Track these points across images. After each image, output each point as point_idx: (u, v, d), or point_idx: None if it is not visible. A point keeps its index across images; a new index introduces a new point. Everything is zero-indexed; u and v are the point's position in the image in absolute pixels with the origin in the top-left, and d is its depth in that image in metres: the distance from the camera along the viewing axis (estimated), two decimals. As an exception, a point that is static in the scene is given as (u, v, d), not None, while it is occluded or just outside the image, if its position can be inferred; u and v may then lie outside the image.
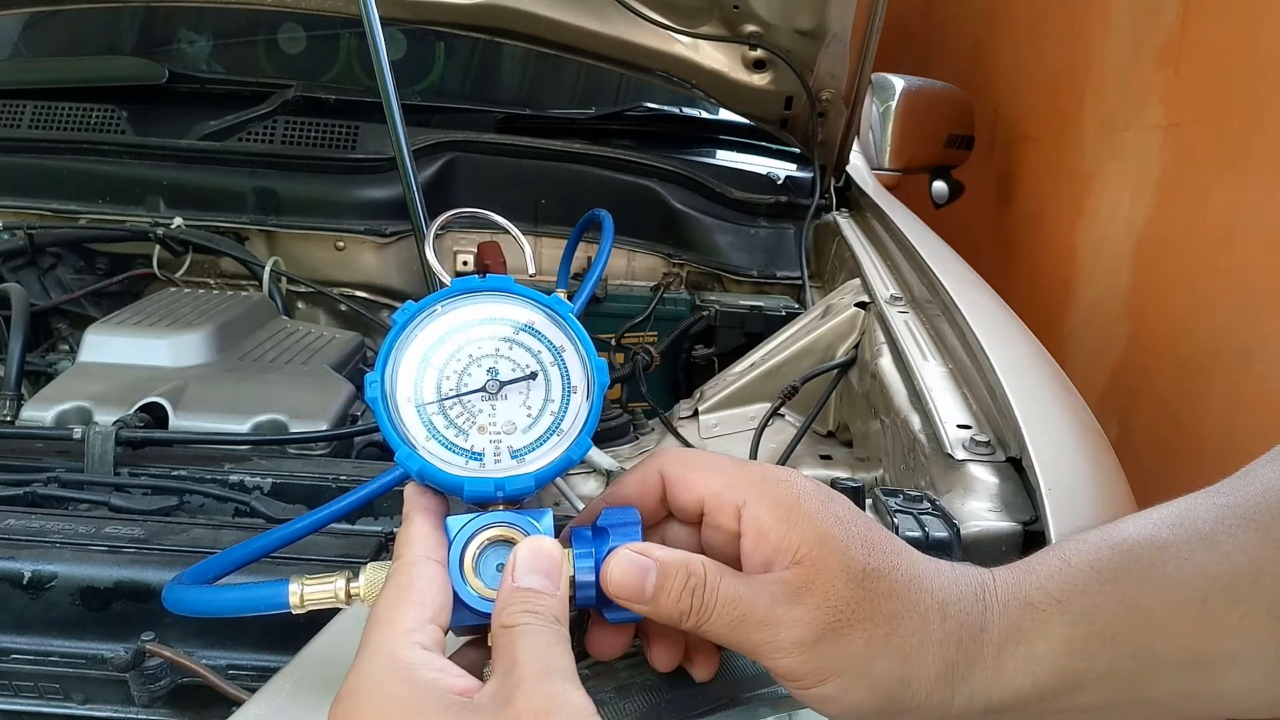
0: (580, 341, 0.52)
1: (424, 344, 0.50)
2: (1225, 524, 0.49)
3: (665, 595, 0.47)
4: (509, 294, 0.52)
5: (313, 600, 0.50)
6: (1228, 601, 0.47)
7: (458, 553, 0.48)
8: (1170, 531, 0.49)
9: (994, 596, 0.49)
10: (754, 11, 1.54)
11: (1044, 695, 0.48)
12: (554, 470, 0.49)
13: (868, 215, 1.57)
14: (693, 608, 0.47)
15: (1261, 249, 1.31)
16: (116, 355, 1.07)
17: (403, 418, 0.49)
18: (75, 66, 1.75)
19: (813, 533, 0.47)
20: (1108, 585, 0.48)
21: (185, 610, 0.54)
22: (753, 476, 0.50)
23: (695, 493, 0.50)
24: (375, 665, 0.42)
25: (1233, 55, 1.41)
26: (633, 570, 0.47)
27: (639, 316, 1.46)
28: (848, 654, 0.46)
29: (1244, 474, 0.52)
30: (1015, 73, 2.31)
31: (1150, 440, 1.53)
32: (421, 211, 1.00)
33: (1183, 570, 0.48)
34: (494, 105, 1.78)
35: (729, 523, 0.49)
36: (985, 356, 0.90)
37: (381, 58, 0.94)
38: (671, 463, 0.52)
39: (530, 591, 0.45)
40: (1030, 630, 0.48)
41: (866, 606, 0.46)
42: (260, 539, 0.59)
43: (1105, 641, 0.47)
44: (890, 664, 0.46)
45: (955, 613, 0.48)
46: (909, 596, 0.47)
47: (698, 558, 0.48)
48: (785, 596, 0.46)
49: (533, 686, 0.40)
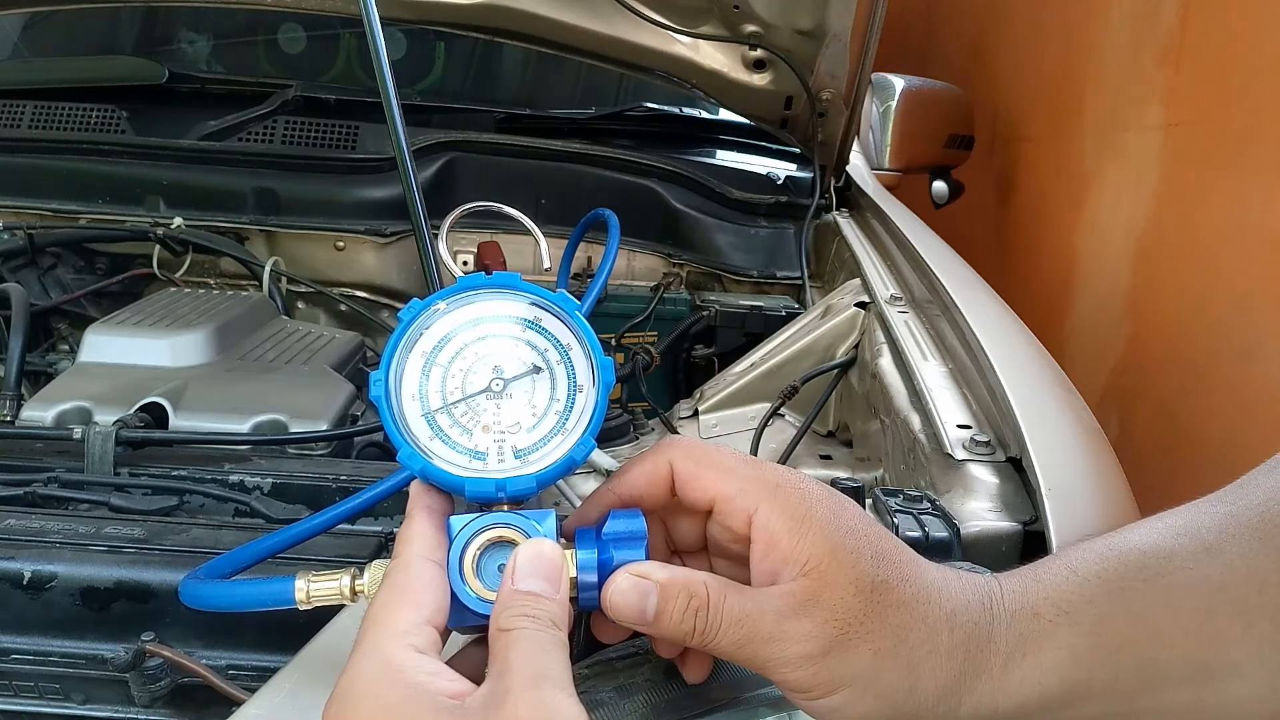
0: (587, 339, 0.51)
1: (429, 342, 0.50)
2: (1229, 533, 0.49)
3: (667, 618, 0.47)
4: (515, 291, 0.51)
5: (318, 596, 0.50)
6: (1232, 612, 0.47)
7: (458, 553, 0.48)
8: (1175, 541, 0.50)
9: (1001, 607, 0.49)
10: (754, 11, 1.54)
11: (1049, 706, 0.48)
12: (557, 471, 0.49)
13: (868, 215, 1.57)
14: (696, 629, 0.47)
15: (1261, 249, 1.31)
16: (116, 355, 1.07)
17: (406, 416, 0.49)
18: (75, 66, 1.75)
19: (823, 544, 0.47)
20: (1114, 596, 0.48)
21: (199, 604, 0.54)
22: (766, 483, 0.49)
23: (707, 493, 0.50)
24: (368, 667, 0.42)
25: (1233, 55, 1.41)
26: (633, 594, 0.47)
27: (639, 316, 1.46)
28: (856, 666, 0.46)
29: (1246, 481, 0.52)
30: (1015, 73, 2.31)
31: (1150, 440, 1.53)
32: (421, 211, 1.00)
33: (1188, 581, 0.48)
34: (494, 105, 1.78)
35: (739, 526, 0.49)
36: (985, 356, 0.90)
37: (381, 58, 0.94)
38: (682, 458, 0.51)
39: (529, 595, 0.45)
40: (1037, 641, 0.48)
41: (875, 619, 0.46)
42: (280, 534, 0.59)
43: (1111, 652, 0.48)
44: (898, 675, 0.46)
45: (963, 623, 0.48)
46: (917, 608, 0.47)
47: (700, 577, 0.47)
48: (792, 610, 0.46)
49: (523, 693, 0.40)
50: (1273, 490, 0.50)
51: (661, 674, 0.54)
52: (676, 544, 0.54)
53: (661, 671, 0.54)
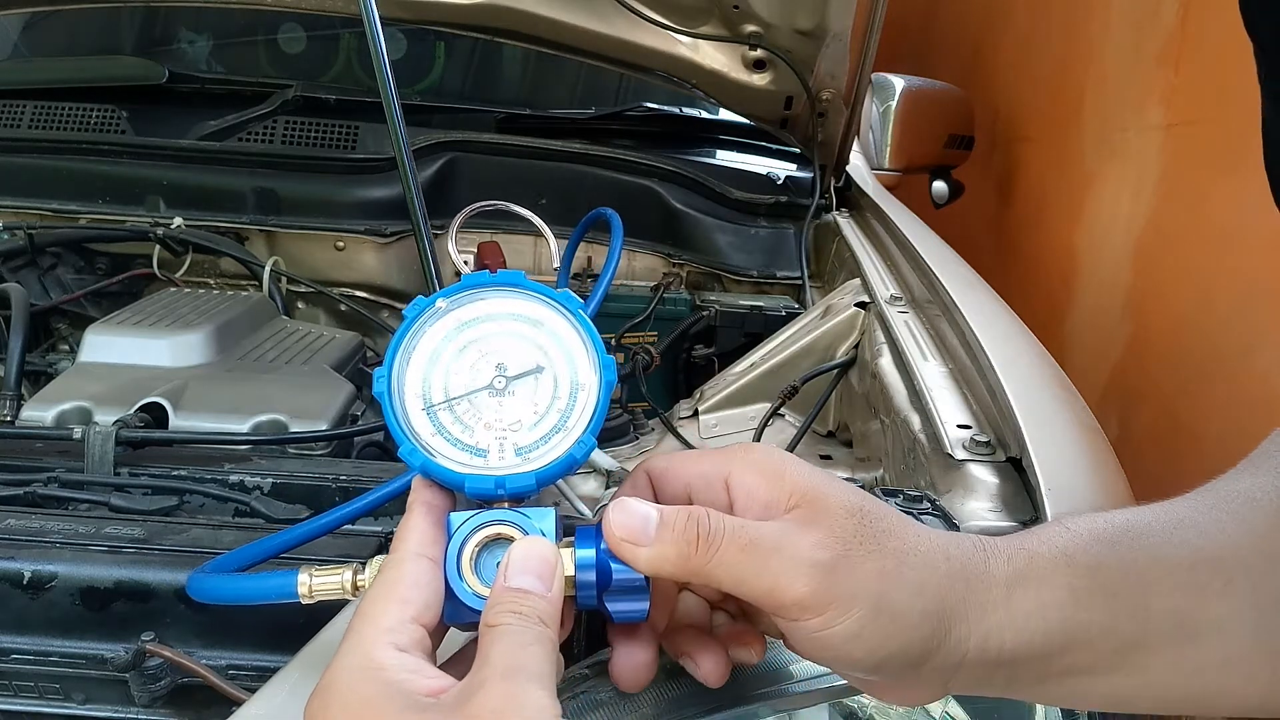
0: (590, 339, 0.51)
1: (433, 339, 0.50)
2: (1202, 511, 0.52)
3: (668, 530, 0.46)
4: (520, 289, 0.52)
5: (320, 591, 0.51)
6: (1212, 570, 0.49)
7: (456, 549, 0.48)
8: (1153, 516, 0.52)
9: (995, 547, 0.49)
10: (754, 11, 1.54)
11: (1052, 648, 0.48)
12: (557, 469, 0.49)
13: (868, 215, 1.57)
14: (699, 535, 0.46)
15: (1261, 249, 1.31)
16: (116, 355, 1.06)
17: (409, 413, 0.49)
18: (75, 66, 1.74)
19: (803, 482, 0.48)
20: (1107, 548, 0.50)
21: (206, 598, 0.55)
22: (733, 451, 0.51)
23: (681, 479, 0.51)
24: (349, 663, 0.43)
25: (1233, 55, 1.41)
26: (635, 512, 0.47)
27: (639, 316, 1.46)
28: (864, 583, 0.45)
29: (1206, 486, 0.54)
30: (1015, 73, 2.31)
31: (1150, 440, 1.53)
32: (421, 211, 1.00)
33: (1169, 543, 0.50)
34: (494, 105, 1.78)
35: (719, 497, 0.50)
36: (985, 356, 0.90)
37: (381, 58, 0.94)
38: (655, 461, 0.53)
39: (519, 592, 0.45)
40: (1037, 577, 0.48)
41: (872, 540, 0.47)
42: (288, 532, 0.60)
43: (1108, 596, 0.48)
44: (907, 595, 0.46)
45: (957, 555, 0.48)
46: (909, 537, 0.48)
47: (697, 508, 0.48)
48: (793, 527, 0.46)
49: (494, 685, 0.40)
50: (1236, 485, 0.53)
51: (662, 674, 0.54)
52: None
53: (662, 672, 0.54)
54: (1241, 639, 0.49)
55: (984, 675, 0.48)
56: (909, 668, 0.47)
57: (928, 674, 0.48)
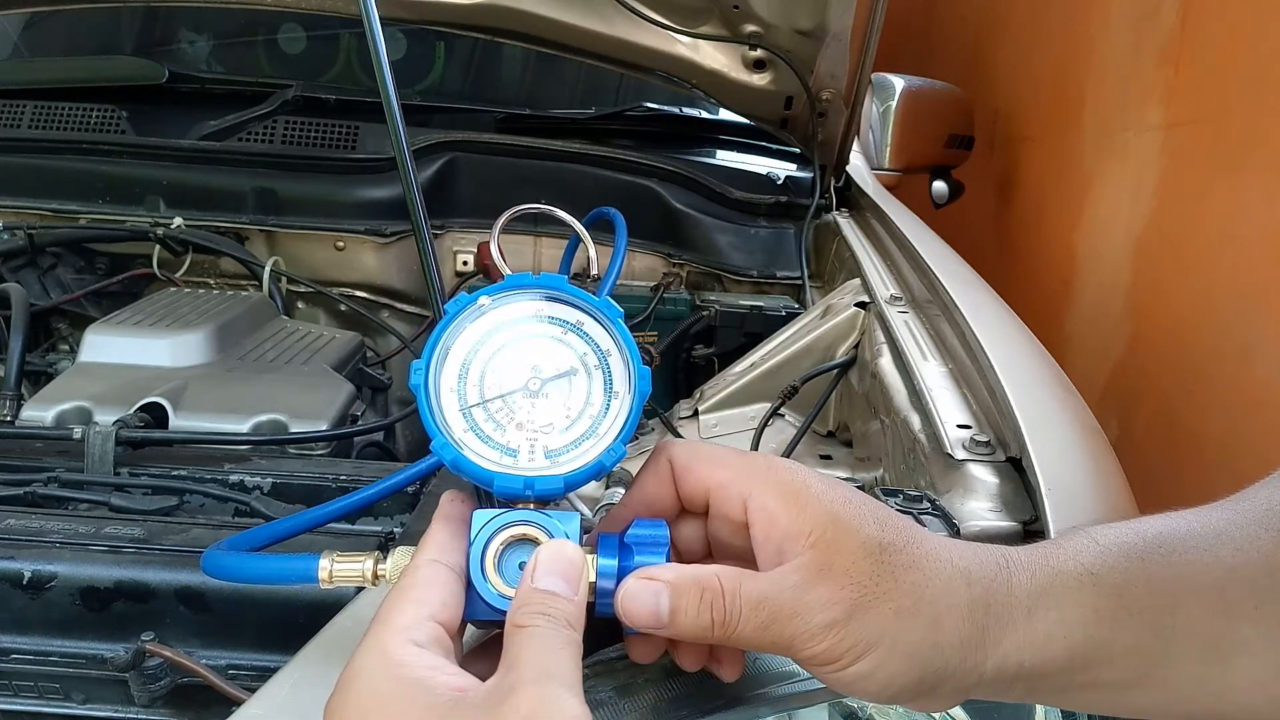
0: (627, 347, 0.51)
1: (472, 337, 0.51)
2: (1238, 525, 0.50)
3: (683, 615, 0.46)
4: (560, 293, 0.52)
5: (341, 576, 0.51)
6: (1243, 591, 0.48)
7: (480, 547, 0.48)
8: (1188, 527, 0.51)
9: (1018, 564, 0.49)
10: (754, 11, 1.54)
11: (1074, 664, 0.48)
12: (585, 474, 0.49)
13: (868, 215, 1.57)
14: (715, 621, 0.46)
15: (1261, 249, 1.31)
16: (116, 355, 1.07)
17: (443, 407, 0.49)
18: (75, 66, 1.75)
19: (823, 514, 0.47)
20: (1135, 564, 0.49)
21: (222, 575, 0.55)
22: (757, 467, 0.50)
23: (701, 484, 0.51)
24: (367, 661, 0.43)
25: (1233, 55, 1.41)
26: (645, 595, 0.47)
27: (639, 316, 1.46)
28: (880, 626, 0.46)
29: (1245, 493, 0.53)
30: (1015, 73, 2.31)
31: (1150, 440, 1.53)
32: (421, 211, 1.00)
33: (1202, 560, 0.49)
34: (494, 105, 1.79)
35: (736, 514, 0.49)
36: (985, 356, 0.90)
37: (381, 58, 0.93)
38: (678, 452, 0.52)
39: (547, 594, 0.45)
40: (1061, 595, 0.48)
41: (889, 579, 0.46)
42: (307, 514, 0.60)
43: (1133, 614, 0.48)
44: (922, 631, 0.46)
45: (979, 578, 0.48)
46: (928, 566, 0.48)
47: (709, 570, 0.47)
48: (808, 581, 0.46)
49: (528, 689, 0.40)
50: (1271, 497, 0.52)
51: (662, 673, 0.54)
52: (680, 554, 0.54)
53: (662, 671, 0.54)
54: (1271, 661, 0.48)
55: (1002, 688, 0.49)
56: (923, 694, 0.48)
57: (944, 694, 0.48)
